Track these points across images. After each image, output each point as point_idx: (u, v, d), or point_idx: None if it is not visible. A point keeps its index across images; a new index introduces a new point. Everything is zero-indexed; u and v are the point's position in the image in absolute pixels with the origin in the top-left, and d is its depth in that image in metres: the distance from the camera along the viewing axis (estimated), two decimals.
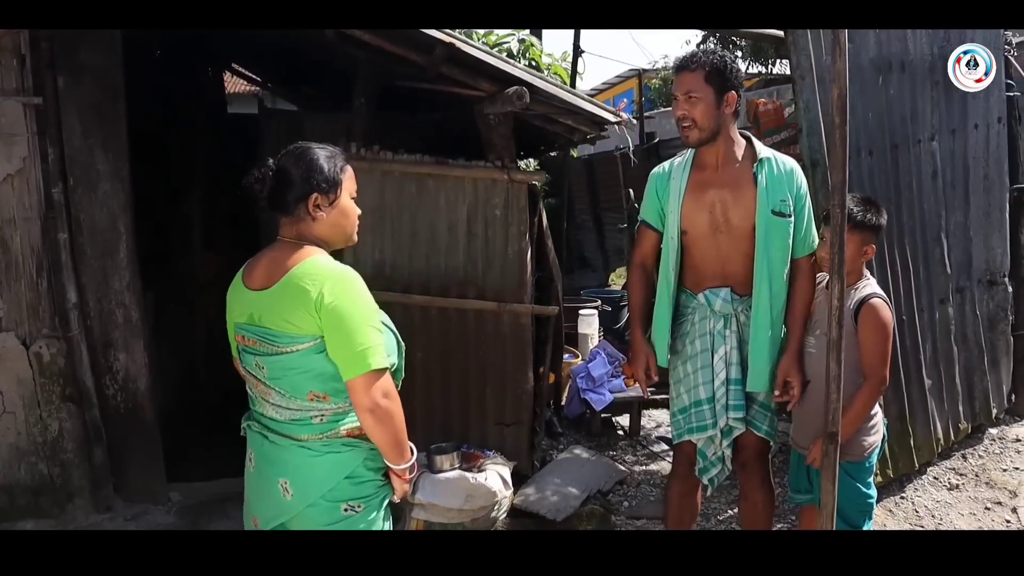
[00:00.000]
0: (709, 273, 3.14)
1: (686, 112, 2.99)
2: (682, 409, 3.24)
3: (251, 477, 2.32)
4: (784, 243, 3.05)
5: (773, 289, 3.07)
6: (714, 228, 3.09)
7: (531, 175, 4.13)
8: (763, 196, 3.01)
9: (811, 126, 4.03)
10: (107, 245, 4.09)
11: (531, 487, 4.41)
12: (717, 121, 2.99)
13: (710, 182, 3.09)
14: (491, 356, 4.38)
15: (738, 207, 3.05)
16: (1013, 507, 4.20)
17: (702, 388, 3.15)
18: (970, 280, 4.61)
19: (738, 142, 3.11)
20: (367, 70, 4.13)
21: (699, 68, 2.97)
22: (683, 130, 3.03)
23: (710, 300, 3.13)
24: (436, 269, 4.24)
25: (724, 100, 2.98)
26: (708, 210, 3.09)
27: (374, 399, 2.08)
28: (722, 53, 3.02)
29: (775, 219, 3.01)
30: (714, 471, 3.25)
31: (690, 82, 2.98)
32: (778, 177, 3.04)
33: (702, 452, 3.24)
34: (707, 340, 3.15)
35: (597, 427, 5.45)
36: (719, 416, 3.12)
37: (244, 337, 2.22)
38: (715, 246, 3.11)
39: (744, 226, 3.05)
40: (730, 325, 3.12)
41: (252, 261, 2.27)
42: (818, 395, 2.99)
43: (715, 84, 2.96)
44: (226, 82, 7.59)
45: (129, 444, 4.27)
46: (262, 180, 2.18)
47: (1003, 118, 4.64)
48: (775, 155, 3.11)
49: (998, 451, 4.65)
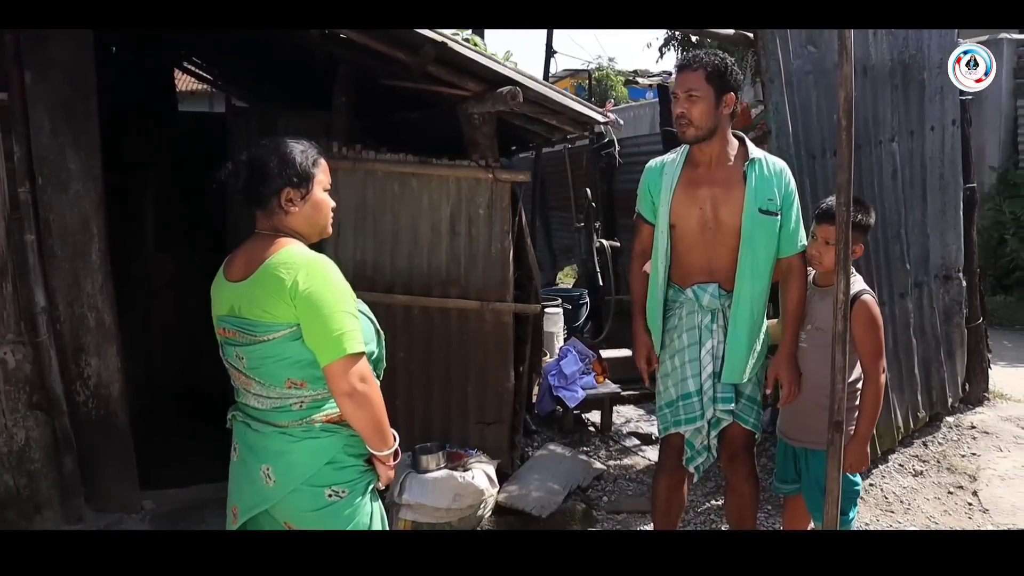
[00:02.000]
0: (697, 268, 3.22)
1: (685, 110, 3.06)
2: (669, 402, 3.31)
3: (235, 466, 2.33)
4: (770, 241, 3.15)
5: (756, 286, 3.17)
6: (703, 224, 3.17)
7: (516, 174, 4.17)
8: (751, 195, 3.10)
9: (780, 127, 4.17)
10: (78, 247, 3.95)
11: (514, 484, 4.43)
12: (714, 121, 3.08)
13: (701, 179, 3.17)
14: (473, 355, 4.39)
15: (727, 205, 3.14)
16: (974, 491, 4.41)
17: (690, 381, 3.23)
18: (928, 275, 4.83)
19: (732, 143, 3.20)
20: (348, 68, 4.09)
21: (700, 68, 3.05)
22: (680, 127, 3.11)
23: (698, 295, 3.21)
24: (419, 269, 4.23)
25: (723, 101, 3.07)
26: (698, 207, 3.17)
27: (351, 384, 2.11)
28: (723, 56, 3.11)
29: (761, 217, 3.11)
30: (700, 459, 3.34)
31: (691, 81, 3.06)
32: (767, 177, 3.14)
33: (690, 442, 3.31)
34: (695, 334, 3.23)
35: (570, 424, 5.50)
36: (706, 408, 3.21)
37: (225, 329, 2.24)
38: (703, 242, 3.19)
39: (732, 224, 3.14)
40: (717, 320, 3.21)
41: (233, 254, 2.29)
42: (809, 389, 3.12)
43: (715, 84, 3.05)
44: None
45: (101, 452, 4.13)
46: (236, 174, 2.20)
47: (957, 120, 4.87)
48: (766, 156, 3.21)
49: (955, 438, 4.87)
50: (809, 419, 3.06)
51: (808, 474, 3.14)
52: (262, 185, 2.19)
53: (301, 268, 2.13)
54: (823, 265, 3.08)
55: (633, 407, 6.07)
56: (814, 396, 3.03)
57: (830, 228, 3.02)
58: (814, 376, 3.06)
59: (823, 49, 4.23)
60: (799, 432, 3.15)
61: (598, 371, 5.74)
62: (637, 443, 5.44)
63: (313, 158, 2.25)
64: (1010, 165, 9.23)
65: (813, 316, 3.12)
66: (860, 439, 3.00)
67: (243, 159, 2.22)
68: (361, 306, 2.28)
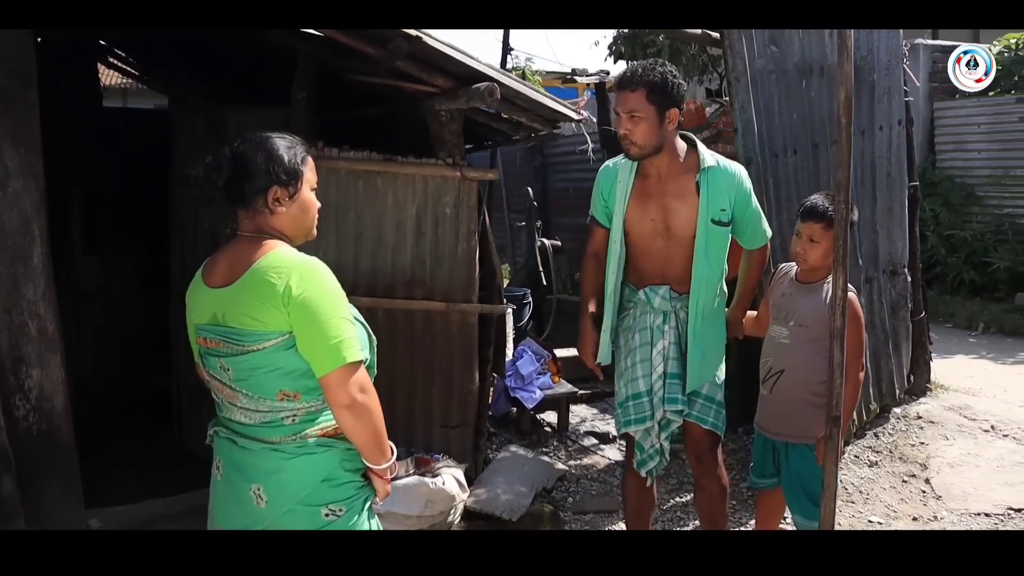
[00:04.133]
0: (650, 272, 3.24)
1: (628, 131, 3.03)
2: (620, 402, 3.32)
3: (218, 486, 2.19)
4: (722, 250, 3.19)
5: (712, 294, 3.22)
6: (655, 234, 3.19)
7: (484, 172, 4.09)
8: (704, 206, 3.11)
9: (746, 126, 4.21)
10: (18, 250, 3.66)
11: (481, 488, 4.36)
12: (659, 138, 3.05)
13: (652, 192, 3.17)
14: (438, 358, 4.29)
15: (679, 216, 3.15)
16: (926, 478, 4.56)
17: (641, 381, 3.23)
18: (877, 271, 4.97)
19: (681, 149, 3.17)
20: (308, 62, 3.94)
21: (641, 87, 2.99)
22: (625, 147, 3.09)
23: (650, 297, 3.22)
24: (383, 269, 4.11)
25: (666, 117, 3.03)
26: (650, 218, 3.18)
27: (351, 395, 1.99)
28: (663, 69, 3.04)
29: (714, 228, 3.13)
30: (652, 463, 3.33)
31: (632, 101, 3.01)
32: (720, 185, 3.14)
33: (639, 445, 3.31)
34: (647, 334, 3.24)
35: (527, 425, 5.46)
36: (656, 409, 3.21)
37: (206, 339, 2.10)
38: (656, 250, 3.21)
39: (685, 234, 3.16)
40: (669, 321, 3.22)
41: (211, 259, 2.15)
42: (792, 385, 3.14)
43: (657, 102, 3.00)
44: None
45: (43, 469, 3.85)
46: (218, 169, 2.06)
47: (902, 120, 5.02)
48: (718, 162, 3.19)
49: (904, 428, 5.03)
50: (792, 414, 3.10)
51: (788, 468, 3.18)
52: (247, 182, 2.06)
53: (294, 272, 2.00)
54: (807, 262, 3.12)
55: (586, 406, 6.06)
56: (797, 391, 3.08)
57: (814, 226, 3.07)
58: (799, 372, 3.09)
59: (784, 49, 4.30)
60: (781, 426, 3.19)
61: (553, 371, 5.71)
62: (595, 442, 5.43)
63: (302, 155, 2.14)
64: (928, 165, 9.63)
65: (796, 312, 3.16)
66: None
67: (226, 154, 2.08)
68: (353, 310, 2.16)
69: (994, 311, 8.33)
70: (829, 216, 3.02)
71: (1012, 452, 4.74)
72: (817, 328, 2.98)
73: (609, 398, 6.28)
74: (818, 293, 3.09)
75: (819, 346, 2.88)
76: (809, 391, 3.00)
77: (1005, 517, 4.15)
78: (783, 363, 3.18)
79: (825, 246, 3.02)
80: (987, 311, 8.35)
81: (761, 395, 3.32)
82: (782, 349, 3.20)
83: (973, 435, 4.95)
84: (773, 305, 3.28)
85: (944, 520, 4.16)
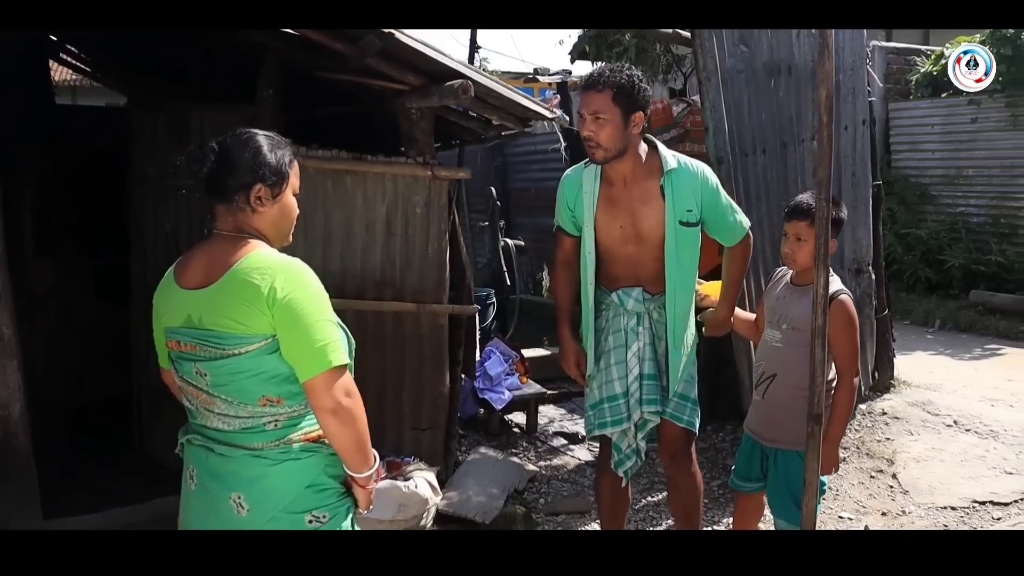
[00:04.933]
0: (621, 275, 3.22)
1: (592, 133, 2.99)
2: (594, 404, 3.29)
3: (192, 496, 2.11)
4: (693, 250, 3.18)
5: (687, 296, 3.22)
6: (625, 240, 3.17)
7: (455, 171, 4.04)
8: (670, 209, 3.09)
9: (717, 125, 4.22)
10: None
11: (453, 491, 4.30)
12: (624, 142, 3.01)
13: (619, 198, 3.14)
14: (408, 359, 4.23)
15: (647, 221, 3.13)
16: (893, 473, 4.61)
17: (617, 383, 3.21)
18: (843, 269, 5.01)
19: (644, 155, 3.14)
20: (275, 59, 3.84)
21: (607, 88, 2.96)
22: (589, 149, 3.05)
23: (623, 299, 3.20)
24: (352, 270, 4.03)
25: (631, 120, 2.99)
26: (618, 225, 3.15)
27: (336, 399, 1.94)
28: (630, 72, 3.02)
29: (683, 229, 3.12)
30: (629, 463, 3.33)
31: (597, 103, 2.97)
32: (684, 187, 3.12)
33: (617, 446, 3.30)
34: (621, 336, 3.22)
35: (496, 426, 5.41)
36: (633, 410, 3.20)
37: (180, 343, 2.02)
38: (627, 254, 3.19)
39: (654, 237, 3.14)
40: (643, 322, 3.20)
41: (184, 258, 2.08)
42: (784, 389, 3.10)
43: (622, 105, 2.96)
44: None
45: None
46: (201, 160, 2.00)
47: (867, 120, 5.08)
48: (680, 162, 3.16)
49: (870, 424, 5.09)
50: (785, 420, 3.05)
51: (776, 473, 3.14)
52: (231, 177, 1.99)
53: (278, 273, 1.94)
54: (796, 263, 3.10)
55: (554, 407, 6.04)
56: (791, 397, 3.02)
57: (799, 224, 3.05)
58: (791, 377, 3.04)
59: (753, 49, 4.32)
60: (773, 432, 3.14)
61: (521, 371, 5.67)
62: (564, 443, 5.40)
63: (289, 158, 2.08)
64: (884, 165, 9.79)
65: (789, 316, 3.13)
66: (832, 441, 3.01)
67: (211, 146, 2.01)
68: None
69: (949, 308, 8.49)
70: (813, 213, 3.00)
71: (974, 446, 4.83)
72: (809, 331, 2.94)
73: (577, 398, 6.27)
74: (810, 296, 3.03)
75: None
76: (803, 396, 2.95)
77: (971, 510, 4.22)
78: (776, 367, 3.14)
79: (812, 244, 2.98)
80: (943, 308, 8.51)
81: (754, 400, 3.30)
82: (775, 353, 3.16)
83: (937, 430, 5.03)
84: (768, 308, 3.26)
85: (912, 514, 4.21)
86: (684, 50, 6.93)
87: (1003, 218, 9.22)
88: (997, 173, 9.34)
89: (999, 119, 9.07)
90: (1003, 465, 4.59)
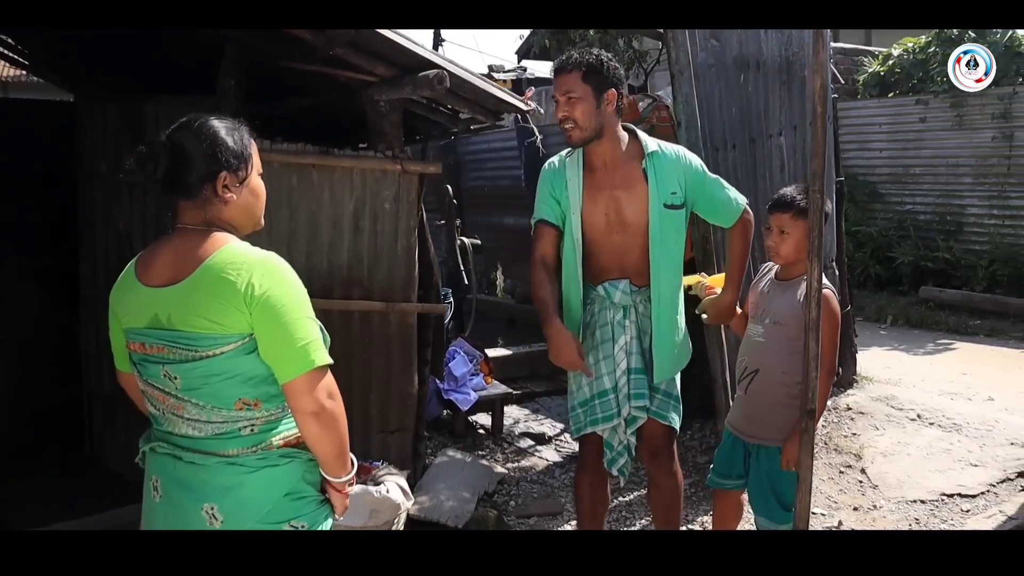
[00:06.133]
0: (608, 267, 3.17)
1: (567, 113, 2.98)
2: (583, 402, 3.22)
3: (157, 508, 1.97)
4: (679, 234, 3.15)
5: (673, 281, 3.18)
6: (610, 228, 3.12)
7: (426, 165, 3.91)
8: (654, 192, 3.07)
9: (689, 120, 4.19)
10: None
11: (423, 495, 4.19)
12: (599, 120, 3.00)
13: (602, 184, 3.10)
14: (376, 360, 4.09)
15: (631, 205, 3.09)
16: (862, 468, 4.64)
17: (606, 378, 3.15)
18: None
19: (623, 139, 3.13)
20: (237, 49, 3.68)
21: (575, 68, 2.98)
22: (566, 132, 3.03)
23: (609, 292, 3.15)
24: (318, 268, 3.88)
25: (604, 98, 2.99)
26: (603, 212, 3.11)
27: (319, 401, 1.83)
28: (598, 52, 3.04)
29: (667, 212, 3.09)
30: (622, 461, 3.27)
31: (568, 83, 2.98)
32: (667, 169, 3.10)
33: (608, 443, 3.24)
34: (608, 331, 3.17)
35: (461, 428, 5.31)
36: (622, 405, 3.14)
37: (144, 344, 1.89)
38: (612, 243, 3.14)
39: (639, 222, 3.10)
40: (629, 315, 3.15)
41: (146, 255, 1.95)
42: (767, 385, 3.06)
43: (593, 83, 2.97)
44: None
45: None
46: (154, 158, 1.86)
47: (831, 117, 5.09)
48: (660, 145, 3.16)
49: (836, 420, 5.12)
50: (768, 415, 3.01)
51: (758, 470, 3.09)
52: (190, 171, 1.86)
53: (255, 268, 1.82)
54: (780, 256, 3.06)
55: (518, 407, 5.95)
56: (773, 392, 2.99)
57: (782, 216, 3.02)
58: (774, 372, 3.01)
59: (723, 43, 4.30)
60: (756, 428, 3.10)
61: (486, 371, 5.58)
62: (532, 444, 5.32)
63: (247, 138, 1.96)
64: None
65: (772, 310, 3.09)
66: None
67: (162, 141, 1.87)
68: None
69: (900, 304, 8.66)
70: (796, 205, 2.98)
71: (939, 440, 4.88)
72: (792, 326, 2.91)
73: (541, 398, 6.20)
74: (794, 290, 3.02)
75: (795, 345, 2.80)
76: (786, 392, 2.92)
77: (940, 503, 4.25)
78: (758, 362, 3.09)
79: (796, 237, 2.97)
80: (894, 304, 8.67)
81: (737, 395, 3.25)
82: (757, 348, 3.11)
83: (901, 424, 5.08)
84: (752, 303, 3.22)
85: (883, 508, 4.23)
86: (648, 45, 6.90)
87: (949, 215, 9.44)
88: (943, 172, 9.57)
89: (945, 119, 9.29)
90: (968, 458, 4.65)
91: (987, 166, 9.15)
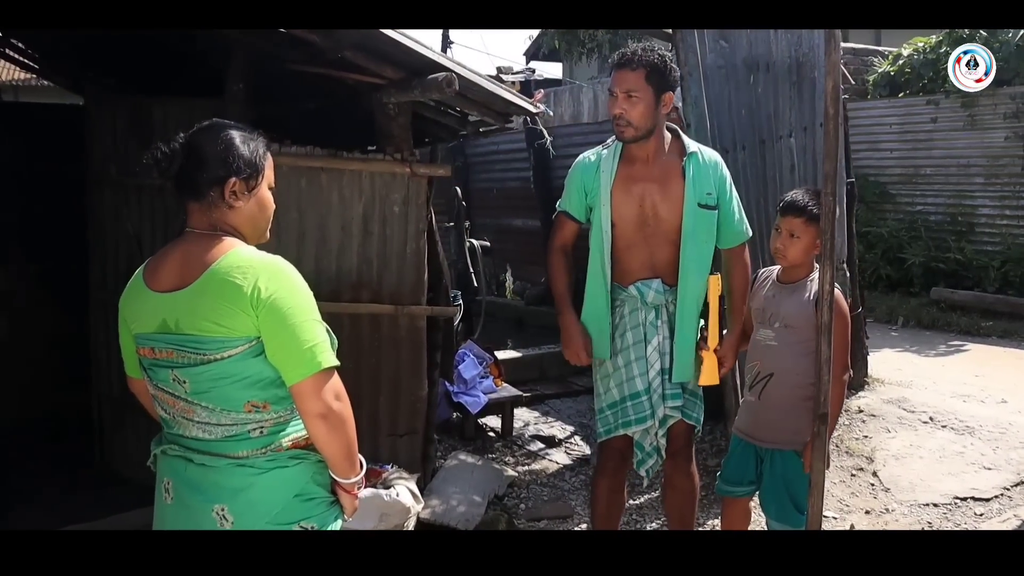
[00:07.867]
0: (638, 265, 3.16)
1: (624, 111, 2.99)
2: (612, 404, 3.21)
3: (169, 511, 2.00)
4: (710, 235, 3.14)
5: (700, 281, 3.16)
6: (642, 221, 3.12)
7: (435, 168, 3.90)
8: (690, 189, 3.08)
9: (699, 121, 4.17)
10: None
11: (434, 499, 4.18)
12: (653, 121, 3.02)
13: (639, 176, 3.11)
14: (385, 363, 4.08)
15: (666, 201, 3.10)
16: (873, 471, 4.61)
17: (638, 380, 3.15)
18: None
19: (667, 139, 3.16)
20: (245, 51, 3.68)
21: (640, 67, 2.97)
22: (618, 127, 3.04)
23: (642, 292, 3.14)
24: (327, 272, 3.87)
25: (662, 100, 3.01)
26: (637, 204, 3.11)
27: (327, 403, 1.86)
28: (661, 52, 3.03)
29: (701, 212, 3.10)
30: (651, 462, 3.27)
31: (630, 80, 2.98)
32: (704, 170, 3.13)
33: (639, 444, 3.24)
34: (640, 332, 3.16)
35: (471, 431, 5.30)
36: (656, 407, 3.14)
37: (154, 349, 1.91)
38: (643, 238, 3.14)
39: (672, 219, 3.10)
40: (661, 316, 3.16)
41: (154, 260, 1.97)
42: (783, 388, 3.04)
43: (654, 83, 2.98)
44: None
45: None
46: (170, 157, 1.89)
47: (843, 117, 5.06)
48: (700, 148, 3.20)
49: (847, 423, 5.08)
50: (784, 419, 2.99)
51: (773, 474, 3.06)
52: (202, 172, 1.89)
53: (261, 271, 1.84)
54: (787, 259, 3.05)
55: (527, 409, 5.93)
56: (789, 395, 2.97)
57: (794, 220, 3.00)
58: (789, 375, 2.99)
59: (733, 44, 4.28)
60: (772, 433, 3.07)
61: (496, 374, 5.57)
62: (542, 446, 5.30)
63: (263, 149, 1.99)
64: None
65: (781, 313, 3.07)
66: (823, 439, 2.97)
67: (180, 141, 1.91)
68: None
69: (912, 305, 8.61)
70: (809, 211, 2.96)
71: (952, 442, 4.84)
72: (803, 328, 2.91)
73: (551, 401, 6.19)
74: (801, 292, 3.01)
75: (807, 347, 2.79)
76: (802, 394, 2.91)
77: (953, 506, 4.22)
78: (771, 366, 3.07)
79: (805, 241, 2.96)
80: (905, 305, 8.62)
81: (747, 401, 3.22)
82: (770, 352, 3.09)
83: (913, 427, 5.04)
84: (756, 309, 3.18)
85: (895, 512, 4.20)
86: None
87: (960, 216, 9.38)
88: (954, 172, 9.51)
89: (956, 119, 9.24)
90: (981, 461, 4.61)
91: (999, 166, 9.09)
